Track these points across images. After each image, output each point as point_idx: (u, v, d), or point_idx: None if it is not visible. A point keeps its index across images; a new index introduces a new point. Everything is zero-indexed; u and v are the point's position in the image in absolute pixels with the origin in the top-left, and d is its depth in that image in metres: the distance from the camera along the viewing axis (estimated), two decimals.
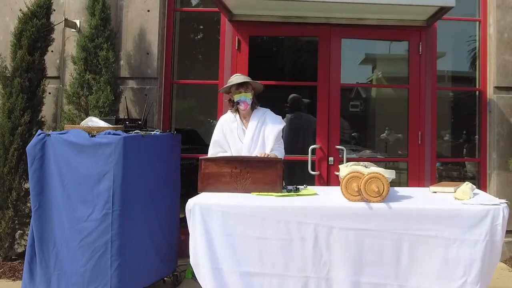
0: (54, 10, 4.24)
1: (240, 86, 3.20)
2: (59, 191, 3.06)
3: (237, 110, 3.27)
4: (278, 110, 3.54)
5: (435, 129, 4.53)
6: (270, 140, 3.18)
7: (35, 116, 4.02)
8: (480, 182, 4.59)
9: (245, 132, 3.22)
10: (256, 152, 3.15)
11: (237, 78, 3.27)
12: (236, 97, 3.19)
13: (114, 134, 3.05)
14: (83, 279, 2.98)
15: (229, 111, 3.34)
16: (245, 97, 3.18)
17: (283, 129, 3.33)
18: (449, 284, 2.35)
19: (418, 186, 4.09)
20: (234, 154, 3.14)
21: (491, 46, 4.58)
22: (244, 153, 3.14)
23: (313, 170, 4.26)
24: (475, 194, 2.62)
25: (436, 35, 4.57)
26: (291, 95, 5.11)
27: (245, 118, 3.27)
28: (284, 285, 2.37)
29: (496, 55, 4.51)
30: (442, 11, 3.96)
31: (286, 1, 3.90)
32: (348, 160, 4.07)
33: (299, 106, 5.09)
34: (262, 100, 3.43)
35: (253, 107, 3.28)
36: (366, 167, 2.59)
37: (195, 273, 2.43)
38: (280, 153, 3.20)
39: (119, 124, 3.38)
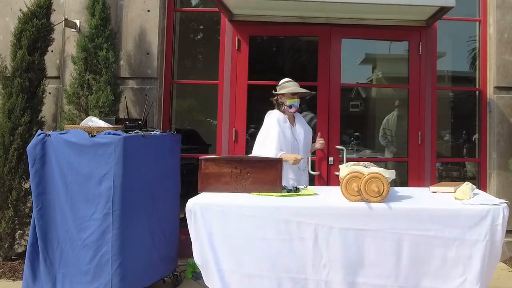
0: (54, 10, 4.24)
1: (296, 93, 3.49)
2: (62, 191, 3.07)
3: (283, 111, 3.50)
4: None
5: (435, 129, 4.53)
6: (311, 140, 3.63)
7: (35, 116, 4.02)
8: (480, 182, 4.59)
9: (297, 132, 3.51)
10: (305, 151, 3.54)
11: (296, 85, 3.51)
12: (290, 102, 3.47)
13: (114, 134, 3.05)
14: (86, 278, 3.00)
15: (277, 111, 3.51)
16: (297, 103, 3.51)
17: None
18: (449, 284, 2.34)
19: (418, 186, 4.09)
20: (291, 153, 3.36)
21: (491, 46, 4.58)
22: (301, 151, 3.45)
23: (313, 170, 4.26)
24: (475, 194, 2.61)
25: (436, 35, 4.57)
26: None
27: (290, 119, 3.53)
28: (284, 285, 2.37)
29: (496, 55, 4.51)
30: (442, 11, 3.97)
31: (286, 1, 3.90)
32: (348, 160, 4.08)
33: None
34: (262, 100, 3.45)
35: None
36: (366, 167, 2.59)
37: (201, 272, 2.43)
38: None
39: (119, 124, 3.38)
